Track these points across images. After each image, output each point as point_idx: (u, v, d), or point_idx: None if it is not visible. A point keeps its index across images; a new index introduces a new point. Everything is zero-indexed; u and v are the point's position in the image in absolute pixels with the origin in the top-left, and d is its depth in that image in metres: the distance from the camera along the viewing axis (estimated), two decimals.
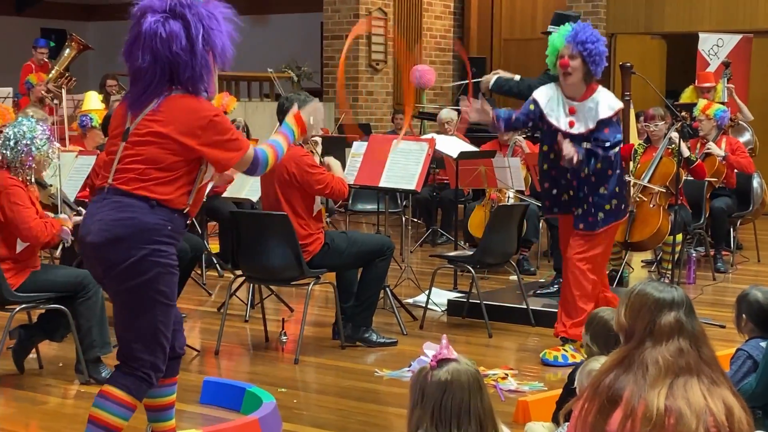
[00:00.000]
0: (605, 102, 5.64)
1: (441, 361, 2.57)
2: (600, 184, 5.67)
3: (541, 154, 5.91)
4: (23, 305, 5.26)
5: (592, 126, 5.61)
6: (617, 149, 5.67)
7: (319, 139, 6.34)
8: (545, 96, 5.75)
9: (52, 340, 5.59)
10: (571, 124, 5.64)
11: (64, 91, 9.93)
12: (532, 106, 5.77)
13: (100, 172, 3.82)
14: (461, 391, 2.54)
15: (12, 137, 5.28)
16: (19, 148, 5.25)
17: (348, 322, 6.13)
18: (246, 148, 3.78)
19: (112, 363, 5.22)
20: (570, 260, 5.73)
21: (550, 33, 6.76)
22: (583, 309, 5.58)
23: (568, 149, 5.50)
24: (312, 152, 6.11)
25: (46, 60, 12.27)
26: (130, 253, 3.61)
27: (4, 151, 5.28)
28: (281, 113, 5.99)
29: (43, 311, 5.46)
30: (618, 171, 5.74)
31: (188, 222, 3.84)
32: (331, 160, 6.15)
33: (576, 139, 5.63)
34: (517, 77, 6.75)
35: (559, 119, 5.68)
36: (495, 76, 6.75)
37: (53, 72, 11.49)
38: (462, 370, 2.56)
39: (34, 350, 5.57)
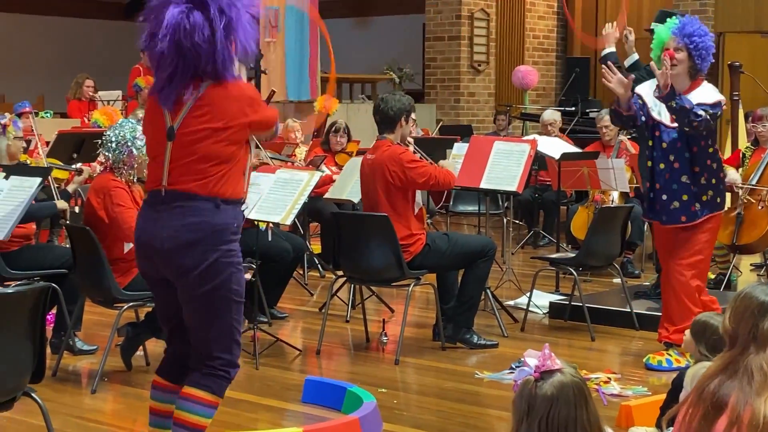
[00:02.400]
0: (707, 92, 5.53)
1: (545, 373, 2.52)
2: (701, 174, 5.58)
3: (642, 152, 5.80)
4: (131, 303, 5.37)
5: (689, 106, 5.48)
6: (712, 120, 5.54)
7: (411, 140, 6.33)
8: (647, 90, 5.67)
9: (158, 337, 5.69)
10: (673, 119, 5.55)
11: None
12: (640, 101, 5.69)
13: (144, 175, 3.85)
14: (568, 405, 2.49)
15: (113, 139, 5.42)
16: (120, 149, 5.40)
17: (449, 322, 6.12)
18: (270, 118, 3.89)
19: None
20: (673, 267, 5.63)
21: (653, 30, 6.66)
22: (688, 314, 5.48)
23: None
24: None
25: None
26: (204, 257, 3.62)
27: (107, 153, 5.43)
28: (377, 113, 5.99)
29: (150, 309, 5.58)
30: (716, 165, 5.64)
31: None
32: (444, 162, 6.21)
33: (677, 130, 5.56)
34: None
35: (661, 113, 5.59)
36: (611, 48, 6.78)
37: None
38: (567, 382, 2.51)
39: (141, 347, 5.69)
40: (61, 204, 6.09)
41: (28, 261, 5.84)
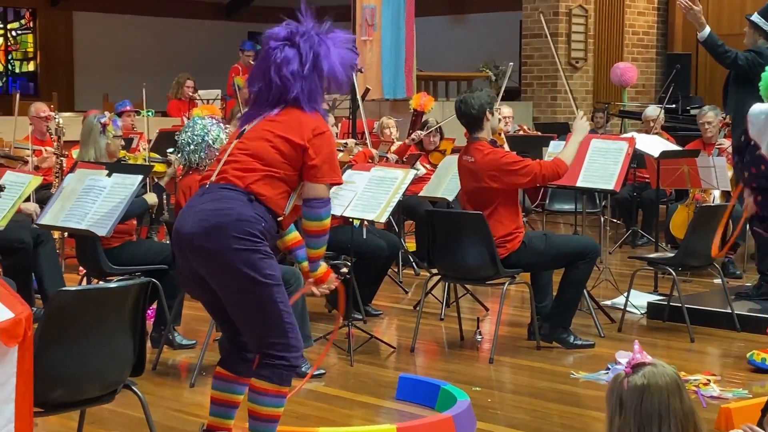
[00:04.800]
0: None
1: (636, 366, 2.50)
2: None
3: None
4: None
5: None
6: None
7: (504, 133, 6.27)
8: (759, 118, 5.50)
9: None
10: None
11: None
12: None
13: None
14: (659, 393, 2.46)
15: (187, 141, 5.52)
16: (197, 147, 5.50)
17: (544, 321, 6.06)
18: (333, 183, 3.91)
19: (314, 357, 5.38)
20: None
21: (754, 22, 6.53)
22: None
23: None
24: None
25: (252, 62, 12.69)
26: (226, 241, 3.68)
27: (187, 156, 5.52)
28: (461, 116, 5.93)
29: None
30: None
31: (279, 232, 3.90)
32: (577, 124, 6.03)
33: None
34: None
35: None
36: (708, 29, 6.66)
37: None
38: (658, 372, 2.48)
39: None
40: (150, 199, 6.22)
41: (130, 257, 5.97)
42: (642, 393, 2.46)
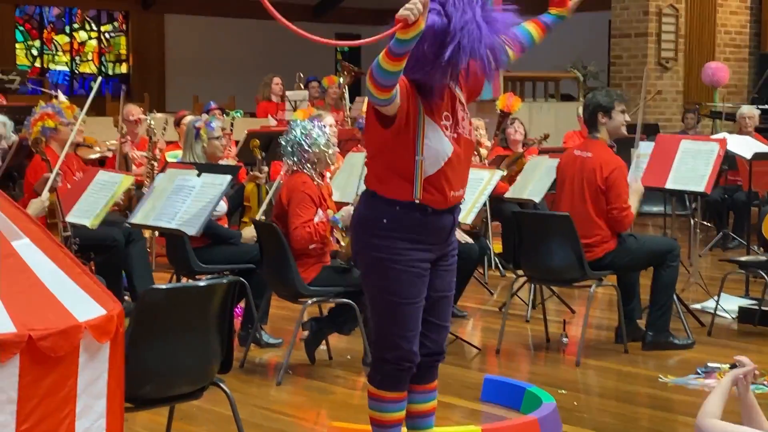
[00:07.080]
0: None
1: None
2: None
3: None
4: (314, 298, 5.49)
5: None
6: None
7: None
8: None
9: (341, 332, 5.81)
10: None
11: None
12: None
13: None
14: None
15: (287, 145, 5.54)
16: (294, 150, 5.51)
17: (647, 329, 6.00)
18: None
19: None
20: None
21: None
22: None
23: None
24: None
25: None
26: (356, 244, 3.65)
27: (287, 160, 5.56)
28: (586, 112, 5.92)
29: (333, 305, 5.69)
30: None
31: (431, 215, 3.50)
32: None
33: None
34: None
35: None
36: None
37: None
38: None
39: (324, 342, 5.81)
40: (248, 234, 6.24)
41: (218, 256, 6.06)
42: None
